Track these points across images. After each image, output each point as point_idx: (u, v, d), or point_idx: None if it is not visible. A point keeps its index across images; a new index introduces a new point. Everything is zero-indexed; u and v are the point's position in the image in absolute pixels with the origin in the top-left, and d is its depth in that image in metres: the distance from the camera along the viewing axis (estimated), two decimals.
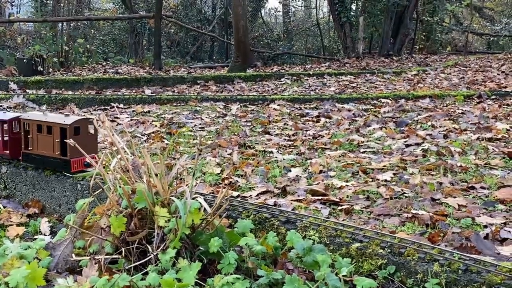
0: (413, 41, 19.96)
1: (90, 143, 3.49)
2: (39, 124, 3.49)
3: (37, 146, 3.54)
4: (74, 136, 3.27)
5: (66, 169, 3.43)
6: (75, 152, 3.28)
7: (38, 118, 3.51)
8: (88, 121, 3.48)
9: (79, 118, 3.42)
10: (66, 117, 3.44)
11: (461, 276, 2.25)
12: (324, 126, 6.89)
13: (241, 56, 13.38)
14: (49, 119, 3.45)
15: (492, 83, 11.17)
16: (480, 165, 4.50)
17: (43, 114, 3.61)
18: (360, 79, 12.69)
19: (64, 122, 3.35)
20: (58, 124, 3.38)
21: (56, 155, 3.45)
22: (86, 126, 3.45)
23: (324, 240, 2.64)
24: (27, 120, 3.59)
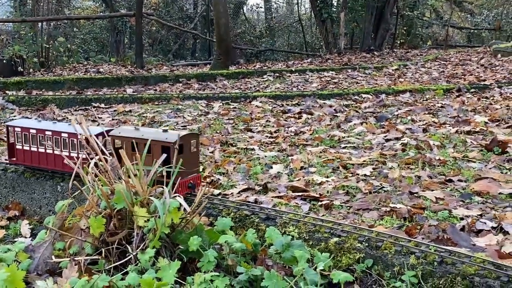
0: (394, 36, 20.13)
1: (193, 161, 3.11)
2: (135, 141, 3.02)
3: None
4: (178, 156, 2.87)
5: None
6: (179, 173, 2.86)
7: (132, 135, 3.06)
8: (192, 136, 3.10)
9: (184, 134, 3.00)
10: (166, 132, 3.01)
11: (436, 268, 2.30)
12: (305, 123, 6.93)
13: (223, 54, 13.37)
14: (147, 135, 3.00)
15: (472, 77, 11.32)
16: (458, 158, 4.57)
17: (135, 129, 3.15)
18: (341, 75, 12.76)
19: (166, 139, 2.92)
20: (159, 142, 2.94)
21: (158, 177, 2.89)
22: (189, 142, 3.06)
23: (304, 235, 2.68)
24: (118, 136, 3.12)
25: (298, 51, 22.19)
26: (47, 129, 3.46)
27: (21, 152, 3.62)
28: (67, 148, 3.38)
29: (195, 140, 3.09)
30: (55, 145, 3.43)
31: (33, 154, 3.55)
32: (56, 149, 3.42)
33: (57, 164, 3.48)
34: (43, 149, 3.51)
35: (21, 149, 3.60)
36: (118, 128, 3.25)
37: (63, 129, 3.40)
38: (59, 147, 3.40)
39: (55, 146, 3.43)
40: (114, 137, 3.14)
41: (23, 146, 3.58)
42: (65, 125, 3.50)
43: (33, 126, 3.53)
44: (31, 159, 3.57)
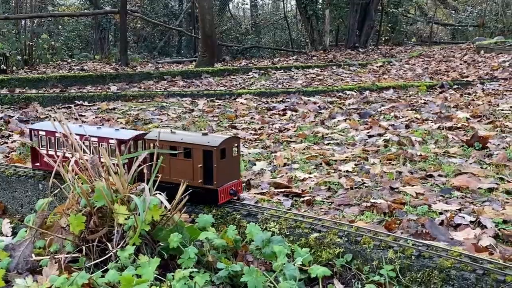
0: (379, 32, 20.26)
1: (235, 167, 2.95)
2: (173, 145, 2.87)
3: (170, 173, 2.88)
4: (220, 161, 2.77)
5: (212, 200, 2.85)
6: (221, 179, 2.79)
7: (170, 138, 2.89)
8: (234, 140, 2.93)
9: (226, 138, 2.83)
10: (207, 136, 2.84)
11: (414, 261, 2.33)
12: (290, 119, 6.96)
13: (208, 51, 13.35)
14: (187, 139, 2.84)
15: (455, 73, 11.45)
16: (439, 153, 4.63)
17: (171, 132, 2.96)
18: (326, 72, 12.82)
19: (208, 143, 2.75)
20: (200, 146, 2.77)
21: (198, 184, 2.81)
22: (231, 146, 2.89)
23: (284, 231, 2.70)
24: (155, 141, 2.90)
25: (284, 48, 22.22)
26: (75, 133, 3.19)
27: None
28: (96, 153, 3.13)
29: (236, 144, 2.93)
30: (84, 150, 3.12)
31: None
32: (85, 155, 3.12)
33: None
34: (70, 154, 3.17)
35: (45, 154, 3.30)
36: (153, 132, 3.03)
37: (90, 133, 3.16)
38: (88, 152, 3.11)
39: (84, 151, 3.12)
40: (151, 141, 2.93)
41: (47, 151, 3.32)
42: (93, 129, 3.26)
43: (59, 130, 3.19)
44: None
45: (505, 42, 15.53)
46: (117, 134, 3.12)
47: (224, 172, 2.79)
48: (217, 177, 2.77)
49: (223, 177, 2.78)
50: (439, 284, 2.24)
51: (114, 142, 3.06)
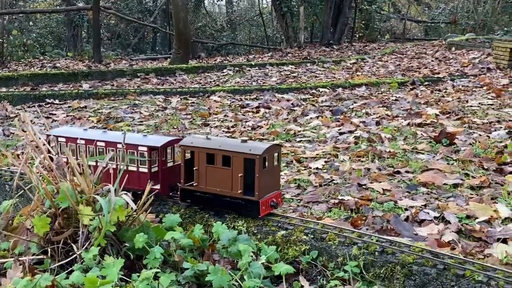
0: (353, 29, 20.43)
1: (276, 177, 2.80)
2: (210, 152, 2.71)
3: (206, 182, 2.73)
4: (262, 170, 2.61)
5: (252, 212, 2.67)
6: (263, 190, 2.63)
7: (208, 145, 2.72)
8: (275, 148, 2.75)
9: (268, 146, 2.66)
10: (246, 143, 2.69)
11: (377, 257, 2.38)
12: (263, 117, 6.99)
13: (183, 48, 13.29)
14: (226, 146, 2.68)
15: (426, 70, 11.62)
16: (407, 150, 4.70)
17: (207, 138, 2.78)
18: (301, 69, 12.89)
19: (250, 151, 2.59)
20: (241, 154, 2.60)
21: (238, 195, 2.66)
22: (273, 154, 2.72)
23: (252, 229, 2.72)
24: (191, 147, 2.78)
25: (259, 45, 22.25)
26: (98, 140, 3.01)
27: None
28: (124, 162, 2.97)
29: (277, 152, 2.74)
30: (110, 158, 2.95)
31: None
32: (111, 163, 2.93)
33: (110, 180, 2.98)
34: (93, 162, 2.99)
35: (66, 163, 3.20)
36: (188, 138, 2.87)
37: (117, 139, 2.98)
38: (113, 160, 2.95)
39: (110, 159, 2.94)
40: (187, 147, 2.79)
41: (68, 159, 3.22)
42: (118, 134, 3.09)
43: (80, 136, 3.07)
44: None
45: (476, 39, 15.82)
46: (147, 140, 2.95)
47: (265, 183, 2.63)
48: (258, 187, 2.60)
49: (264, 188, 2.62)
50: (401, 279, 2.29)
51: (144, 150, 2.89)
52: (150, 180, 2.83)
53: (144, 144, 2.90)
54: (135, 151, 2.92)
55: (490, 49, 12.30)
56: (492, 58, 11.32)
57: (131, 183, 2.92)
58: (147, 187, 2.51)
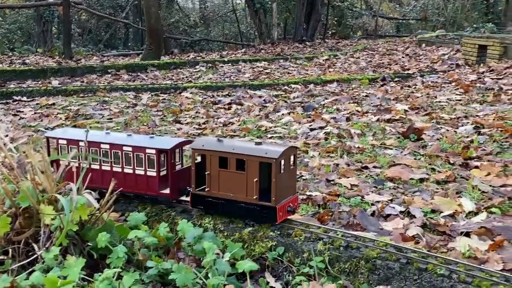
0: (325, 26, 20.53)
1: (292, 180, 2.66)
2: (223, 156, 2.55)
3: (219, 187, 2.58)
4: (279, 174, 2.46)
5: (269, 219, 2.52)
6: (280, 195, 2.48)
7: (220, 148, 2.57)
8: (292, 150, 2.60)
9: (285, 148, 2.50)
10: (261, 145, 2.52)
11: (342, 252, 2.39)
12: (235, 113, 6.97)
13: (154, 44, 13.16)
14: (239, 150, 2.52)
15: (397, 66, 11.76)
16: (376, 145, 4.75)
17: (218, 140, 2.64)
18: (274, 65, 12.90)
19: (266, 154, 2.44)
20: (257, 158, 2.45)
21: (253, 200, 2.51)
22: (289, 157, 2.58)
23: (219, 226, 2.70)
24: (202, 150, 2.62)
25: (233, 41, 22.20)
26: (102, 142, 2.89)
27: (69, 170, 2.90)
28: (130, 165, 2.84)
29: (293, 155, 2.60)
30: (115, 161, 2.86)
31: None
32: (116, 167, 2.86)
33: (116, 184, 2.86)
34: (97, 165, 2.91)
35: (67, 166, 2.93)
36: (199, 140, 2.74)
37: (123, 142, 2.87)
38: (119, 163, 2.86)
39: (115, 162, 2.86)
40: (198, 150, 2.62)
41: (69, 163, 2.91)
42: (123, 136, 2.97)
43: (82, 138, 2.91)
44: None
45: (446, 35, 16.07)
46: (155, 143, 2.82)
47: (282, 187, 2.49)
48: (275, 193, 2.44)
49: (281, 193, 2.48)
50: (365, 274, 2.31)
51: (153, 152, 2.76)
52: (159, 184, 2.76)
53: (152, 147, 2.77)
54: (142, 154, 2.79)
55: (459, 45, 12.51)
56: (461, 55, 11.52)
57: (139, 187, 2.83)
58: (110, 186, 2.47)
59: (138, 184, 2.81)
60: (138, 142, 2.84)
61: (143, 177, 2.81)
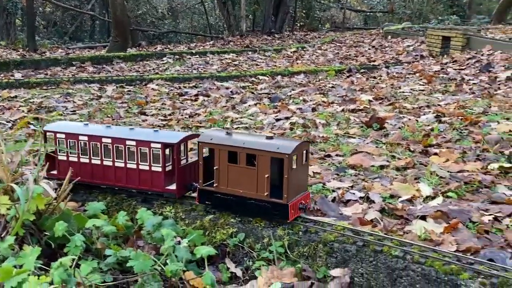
0: (294, 18, 20.60)
1: (305, 177, 2.56)
2: (233, 150, 2.44)
3: (228, 183, 2.48)
4: (291, 170, 2.36)
5: (281, 216, 2.42)
6: (292, 192, 2.38)
7: (229, 142, 2.44)
8: (304, 145, 2.48)
9: (298, 143, 2.39)
10: (272, 140, 2.41)
11: (301, 237, 2.43)
12: (202, 105, 6.95)
13: (120, 36, 12.97)
14: (250, 144, 2.40)
15: (363, 58, 11.90)
16: (340, 134, 4.82)
17: (227, 133, 2.51)
18: (242, 57, 12.90)
19: (278, 149, 2.33)
20: (268, 153, 2.34)
21: (264, 197, 2.41)
22: (302, 152, 2.46)
23: (180, 215, 2.71)
24: (210, 144, 2.50)
25: (202, 33, 22.06)
26: (103, 136, 2.78)
27: (66, 165, 2.85)
28: (134, 160, 2.72)
29: (306, 150, 2.49)
30: (117, 156, 2.75)
31: (83, 167, 2.84)
32: (119, 162, 2.75)
33: (118, 179, 2.79)
34: (98, 160, 2.81)
35: (65, 161, 2.88)
36: (206, 133, 2.58)
37: (126, 136, 2.75)
38: (122, 158, 2.74)
39: (117, 157, 2.75)
40: (205, 144, 2.51)
41: (68, 157, 2.88)
42: (126, 130, 2.86)
43: (83, 132, 2.83)
44: (80, 173, 2.80)
45: (412, 28, 16.32)
46: (160, 137, 2.70)
47: (294, 184, 2.40)
48: (287, 189, 2.34)
49: (293, 190, 2.38)
50: (324, 257, 2.35)
51: (158, 147, 2.65)
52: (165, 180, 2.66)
53: (157, 141, 2.65)
54: (147, 149, 2.67)
55: (424, 37, 12.73)
56: (425, 46, 11.73)
57: (142, 183, 2.72)
58: (67, 175, 2.44)
59: (142, 180, 2.71)
60: (142, 136, 2.72)
61: (147, 172, 2.71)
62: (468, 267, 2.07)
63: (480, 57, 9.44)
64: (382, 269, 2.20)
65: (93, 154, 2.81)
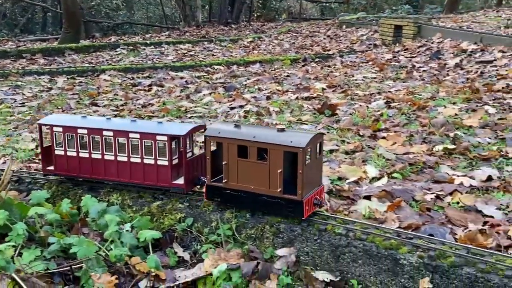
0: (250, 9, 20.58)
1: (319, 170, 2.42)
2: (242, 144, 2.30)
3: (238, 178, 2.35)
4: (306, 165, 2.23)
5: (295, 213, 2.29)
6: (306, 187, 2.25)
7: (239, 136, 2.31)
8: (318, 137, 2.35)
9: (312, 136, 2.26)
10: (284, 132, 2.28)
11: (249, 219, 2.45)
12: (155, 95, 6.88)
13: (72, 27, 12.67)
14: (262, 138, 2.27)
15: (319, 47, 12.02)
16: (293, 121, 4.87)
17: (235, 126, 2.39)
18: (198, 47, 12.82)
19: (291, 143, 2.19)
20: (281, 147, 2.21)
21: (277, 193, 2.28)
22: (316, 145, 2.33)
23: (127, 202, 2.69)
24: (218, 137, 2.36)
25: (157, 24, 21.77)
26: (105, 129, 2.61)
27: (63, 160, 2.70)
28: (138, 154, 2.58)
29: (320, 142, 2.36)
30: (119, 150, 2.60)
31: (83, 162, 2.70)
32: (122, 155, 2.61)
33: (121, 175, 2.65)
34: (99, 155, 2.66)
35: (63, 156, 2.72)
36: (214, 126, 2.45)
37: (129, 128, 2.60)
38: (125, 152, 2.60)
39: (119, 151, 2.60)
40: (213, 137, 2.37)
41: (66, 152, 2.72)
42: (127, 122, 2.70)
43: (81, 125, 2.66)
44: (79, 168, 2.70)
45: (366, 17, 16.58)
46: (165, 129, 2.58)
47: (309, 179, 2.27)
48: (302, 185, 2.21)
49: (308, 185, 2.26)
50: (271, 238, 2.38)
51: (164, 139, 2.52)
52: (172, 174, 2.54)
53: (163, 133, 2.52)
54: (152, 141, 2.54)
55: (377, 26, 12.95)
56: (378, 35, 11.93)
57: (147, 178, 2.59)
58: (6, 170, 2.38)
59: (147, 174, 2.58)
60: (147, 128, 2.59)
61: (152, 167, 2.58)
62: (407, 242, 2.14)
63: (431, 45, 9.69)
64: (326, 247, 2.25)
65: (94, 148, 2.65)
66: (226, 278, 2.12)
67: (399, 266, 2.08)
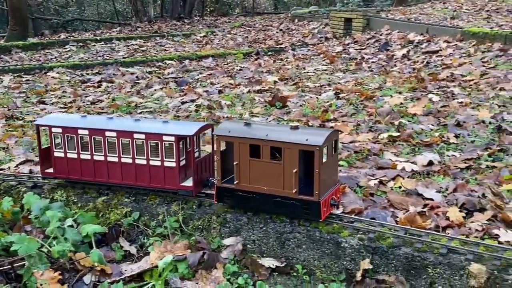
0: (203, 3, 20.45)
1: (335, 169, 2.31)
2: (255, 144, 2.19)
3: (250, 179, 2.24)
4: (322, 164, 2.12)
5: (312, 215, 2.19)
6: (323, 187, 2.14)
7: (250, 134, 2.19)
8: (334, 135, 2.24)
9: (328, 133, 2.14)
10: (298, 130, 2.17)
11: (196, 210, 2.47)
12: (105, 91, 6.77)
13: (19, 24, 12.28)
14: (275, 136, 2.14)
15: (271, 41, 12.08)
16: (244, 114, 4.89)
17: (245, 124, 2.26)
18: (150, 43, 12.65)
19: (307, 141, 2.08)
20: (296, 146, 2.10)
21: (292, 194, 2.17)
22: (332, 143, 2.23)
23: (72, 198, 2.65)
24: (228, 137, 2.24)
25: (109, 20, 21.35)
26: (107, 129, 2.49)
27: (63, 162, 2.54)
28: (143, 155, 2.46)
29: (335, 140, 2.26)
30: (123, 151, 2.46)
31: (84, 164, 2.57)
32: (126, 157, 2.49)
33: (126, 177, 2.52)
34: (102, 156, 2.53)
35: (62, 158, 2.57)
36: (224, 125, 2.33)
37: (133, 128, 2.47)
38: (129, 153, 2.48)
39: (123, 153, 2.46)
40: (223, 137, 2.27)
41: (66, 153, 2.56)
42: (130, 122, 2.57)
43: (81, 125, 2.52)
44: (80, 171, 2.57)
45: (318, 11, 16.76)
46: (173, 128, 2.46)
47: (325, 178, 2.18)
48: (318, 185, 2.12)
49: (324, 185, 2.16)
50: (217, 228, 2.41)
51: (171, 140, 2.39)
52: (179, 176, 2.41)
53: (170, 133, 2.41)
54: (158, 142, 2.42)
55: (328, 19, 13.12)
56: (329, 28, 12.10)
57: (154, 180, 2.46)
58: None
59: (153, 177, 2.46)
60: (152, 128, 2.47)
61: (159, 168, 2.45)
62: (349, 225, 2.20)
63: (379, 37, 9.91)
64: (271, 234, 2.29)
65: (96, 150, 2.52)
66: (173, 270, 2.13)
67: (341, 249, 2.14)
